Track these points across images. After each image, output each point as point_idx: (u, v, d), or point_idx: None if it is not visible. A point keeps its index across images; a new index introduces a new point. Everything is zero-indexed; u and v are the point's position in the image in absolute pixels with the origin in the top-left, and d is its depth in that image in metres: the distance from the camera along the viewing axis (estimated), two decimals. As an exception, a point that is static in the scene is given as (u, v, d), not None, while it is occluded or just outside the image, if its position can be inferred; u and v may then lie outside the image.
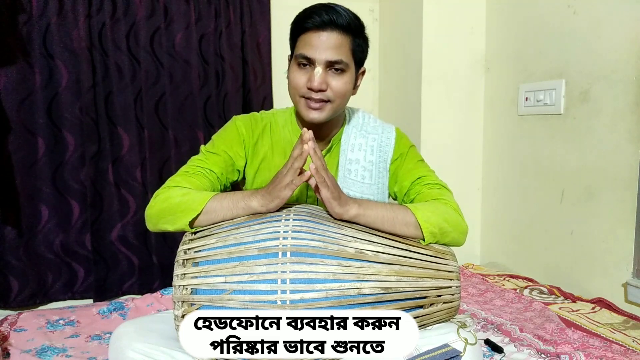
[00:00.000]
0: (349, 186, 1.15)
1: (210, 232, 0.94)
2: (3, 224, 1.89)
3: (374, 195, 1.17)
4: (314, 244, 0.88)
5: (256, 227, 0.91)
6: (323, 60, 1.02)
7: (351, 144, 1.17)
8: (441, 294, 0.93)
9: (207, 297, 0.87)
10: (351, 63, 1.06)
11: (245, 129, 1.14)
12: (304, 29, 1.04)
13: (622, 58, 1.57)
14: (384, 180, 1.18)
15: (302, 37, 1.05)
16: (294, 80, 1.06)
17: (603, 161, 1.65)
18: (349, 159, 1.16)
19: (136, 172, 2.04)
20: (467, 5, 2.16)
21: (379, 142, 1.18)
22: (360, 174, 1.16)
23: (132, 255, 2.06)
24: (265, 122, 1.17)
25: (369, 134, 1.19)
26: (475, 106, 2.23)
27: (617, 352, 1.24)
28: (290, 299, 0.84)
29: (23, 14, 1.84)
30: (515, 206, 2.08)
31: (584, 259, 1.74)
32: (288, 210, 0.95)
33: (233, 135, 1.14)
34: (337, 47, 1.03)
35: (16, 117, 1.87)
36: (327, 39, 1.02)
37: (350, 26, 1.04)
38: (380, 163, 1.17)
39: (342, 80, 1.05)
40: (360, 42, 1.08)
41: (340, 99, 1.07)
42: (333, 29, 1.02)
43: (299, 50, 1.05)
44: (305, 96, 1.05)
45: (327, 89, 1.04)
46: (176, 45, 2.05)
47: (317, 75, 1.02)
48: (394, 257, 0.91)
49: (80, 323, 1.59)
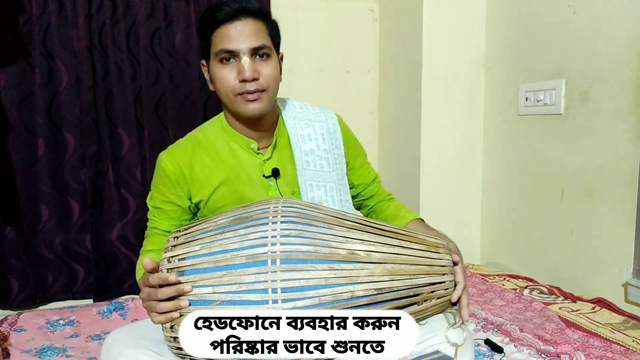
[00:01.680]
0: (310, 177, 1.14)
1: (193, 238, 0.90)
2: (3, 224, 1.89)
3: (334, 181, 1.17)
4: (304, 248, 0.84)
5: (242, 231, 0.87)
6: (247, 49, 1.00)
7: (300, 135, 1.15)
8: (434, 289, 0.92)
9: (195, 308, 0.83)
10: (272, 47, 1.06)
11: (171, 164, 1.10)
12: (216, 24, 1.01)
13: (622, 58, 1.57)
14: (342, 167, 1.19)
15: (217, 33, 1.02)
16: (222, 78, 1.02)
17: (603, 161, 1.65)
18: (304, 150, 1.15)
19: (136, 172, 2.04)
20: (467, 5, 2.16)
21: (327, 130, 1.18)
22: (318, 163, 1.16)
23: (132, 255, 2.06)
24: (192, 144, 1.12)
25: (313, 122, 1.18)
26: (475, 106, 2.23)
27: (617, 352, 1.23)
28: (282, 308, 0.81)
29: (23, 14, 1.84)
30: (515, 206, 2.08)
31: (584, 259, 1.74)
32: (275, 212, 0.90)
33: (162, 179, 1.11)
34: (256, 33, 1.01)
35: (16, 117, 1.87)
36: (243, 28, 1.00)
37: (262, 11, 1.04)
38: (334, 150, 1.18)
39: (271, 66, 1.04)
40: (273, 26, 1.08)
41: (274, 84, 1.06)
42: (247, 16, 1.01)
43: (217, 47, 1.01)
44: (240, 92, 1.02)
45: (259, 77, 1.02)
46: (176, 45, 2.05)
47: (246, 64, 1.00)
48: (387, 255, 0.89)
49: (80, 323, 1.59)
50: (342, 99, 2.38)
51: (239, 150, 1.12)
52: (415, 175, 2.19)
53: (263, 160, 1.13)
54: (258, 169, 1.12)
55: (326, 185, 1.15)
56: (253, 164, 1.12)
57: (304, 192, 1.13)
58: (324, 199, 1.15)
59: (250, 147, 1.12)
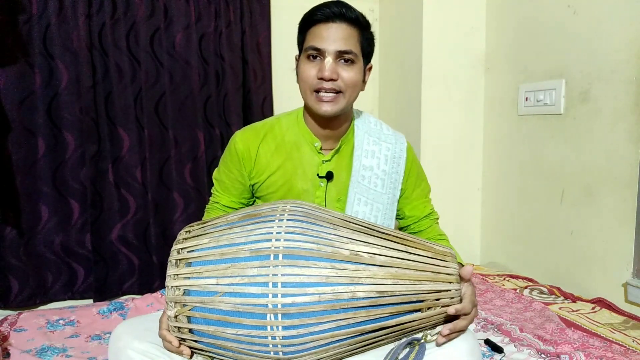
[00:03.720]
0: (361, 192, 1.16)
1: (204, 232, 0.93)
2: (3, 224, 1.89)
3: (383, 204, 1.18)
4: (307, 246, 0.85)
5: (249, 227, 0.89)
6: (333, 50, 1.04)
7: (365, 150, 1.17)
8: (440, 297, 0.90)
9: (199, 298, 0.85)
10: (360, 55, 1.08)
11: (242, 144, 1.16)
12: (313, 22, 1.06)
13: (622, 58, 1.57)
14: (395, 192, 1.20)
15: (312, 30, 1.06)
16: (304, 72, 1.07)
17: (603, 161, 1.65)
18: (364, 165, 1.17)
19: (136, 172, 2.04)
20: (466, 5, 2.16)
21: (392, 152, 1.19)
22: (373, 181, 1.17)
23: (132, 255, 2.06)
24: (266, 129, 1.18)
25: (382, 141, 1.19)
26: (475, 106, 2.23)
27: (617, 352, 1.23)
28: (281, 302, 0.82)
29: (23, 14, 1.84)
30: (515, 206, 2.08)
31: (584, 259, 1.74)
32: (283, 210, 0.93)
33: (231, 156, 1.18)
34: (346, 38, 1.04)
35: (16, 117, 1.87)
36: (336, 31, 1.04)
37: (359, 19, 1.07)
38: (393, 174, 1.19)
39: (353, 71, 1.06)
40: (368, 36, 1.10)
41: (351, 90, 1.08)
42: (342, 20, 1.05)
43: (308, 43, 1.06)
44: (317, 89, 1.06)
45: (337, 78, 1.05)
46: (176, 45, 2.05)
47: (327, 64, 1.04)
48: (391, 259, 0.88)
49: (80, 323, 1.59)
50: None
51: (303, 144, 1.16)
52: (415, 175, 2.18)
53: (322, 161, 1.16)
54: (315, 167, 1.16)
55: (374, 205, 1.17)
56: (312, 161, 1.16)
57: (350, 203, 1.16)
58: (367, 216, 1.17)
59: (314, 145, 1.15)
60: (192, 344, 0.90)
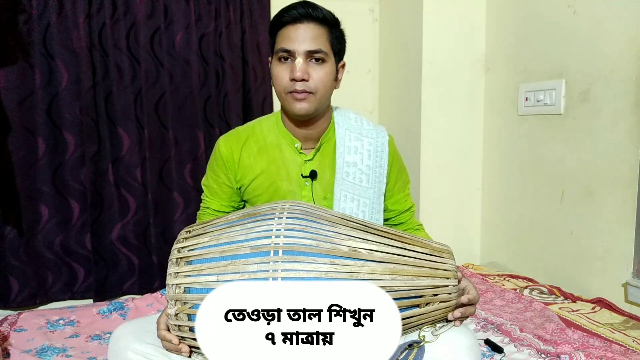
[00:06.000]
0: (346, 188, 1.17)
1: (204, 231, 0.94)
2: (3, 224, 1.89)
3: (370, 198, 1.19)
4: (306, 242, 0.87)
5: (249, 225, 0.91)
6: (302, 50, 1.05)
7: (347, 147, 1.18)
8: (437, 292, 0.92)
9: (200, 295, 0.86)
10: (330, 53, 1.09)
11: (225, 148, 1.18)
12: (281, 24, 1.08)
13: (622, 58, 1.57)
14: (381, 186, 1.20)
15: (281, 32, 1.08)
16: (277, 75, 1.08)
17: (603, 161, 1.65)
18: (347, 161, 1.17)
19: (136, 172, 2.04)
20: (467, 5, 2.16)
21: (375, 147, 1.20)
22: (357, 177, 1.18)
23: (132, 255, 2.06)
24: (247, 132, 1.20)
25: (363, 137, 1.20)
26: (475, 106, 2.23)
27: (617, 352, 1.24)
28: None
29: (23, 14, 1.84)
30: (515, 206, 2.08)
31: (584, 259, 1.74)
32: (282, 209, 0.94)
33: (217, 161, 1.20)
34: (315, 37, 1.06)
35: (16, 117, 1.87)
36: (304, 31, 1.05)
37: (327, 18, 1.08)
38: (377, 168, 1.19)
39: (323, 71, 1.07)
40: (337, 34, 1.11)
41: (323, 89, 1.08)
42: (310, 20, 1.06)
43: (278, 45, 1.08)
44: (290, 90, 1.07)
45: (309, 79, 1.06)
46: (176, 45, 2.05)
47: (298, 65, 1.05)
48: (389, 256, 0.90)
49: (80, 323, 1.59)
50: (342, 99, 2.38)
51: (284, 145, 1.17)
52: (415, 175, 2.18)
53: (304, 161, 1.17)
54: (298, 167, 1.17)
55: (360, 200, 1.18)
56: (294, 161, 1.17)
57: (337, 200, 1.16)
58: (355, 212, 1.18)
59: (295, 145, 1.16)
60: (191, 342, 0.90)
